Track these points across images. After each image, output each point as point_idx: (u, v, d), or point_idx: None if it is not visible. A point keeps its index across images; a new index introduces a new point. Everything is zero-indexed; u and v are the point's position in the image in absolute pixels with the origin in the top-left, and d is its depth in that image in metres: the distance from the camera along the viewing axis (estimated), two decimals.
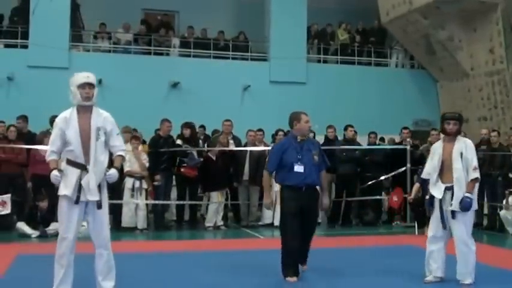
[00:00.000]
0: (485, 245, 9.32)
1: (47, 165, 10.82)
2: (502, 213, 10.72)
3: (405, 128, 12.50)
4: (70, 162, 5.22)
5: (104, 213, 5.34)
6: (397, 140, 12.95)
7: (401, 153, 11.56)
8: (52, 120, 11.58)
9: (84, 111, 5.29)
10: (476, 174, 6.16)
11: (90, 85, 5.26)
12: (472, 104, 16.36)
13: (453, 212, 6.08)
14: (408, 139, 11.95)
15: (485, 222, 11.28)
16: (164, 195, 10.87)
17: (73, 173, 5.19)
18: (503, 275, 6.91)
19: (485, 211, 11.30)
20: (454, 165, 6.09)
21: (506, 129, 15.14)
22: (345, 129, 11.97)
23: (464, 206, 5.97)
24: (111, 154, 5.46)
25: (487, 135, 11.63)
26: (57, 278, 5.25)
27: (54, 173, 5.17)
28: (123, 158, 5.60)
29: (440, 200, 6.12)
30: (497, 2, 15.19)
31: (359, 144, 12.12)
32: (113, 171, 5.31)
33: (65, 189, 5.18)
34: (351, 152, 11.66)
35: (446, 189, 6.10)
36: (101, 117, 5.35)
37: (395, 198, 11.53)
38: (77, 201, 5.18)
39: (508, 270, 7.15)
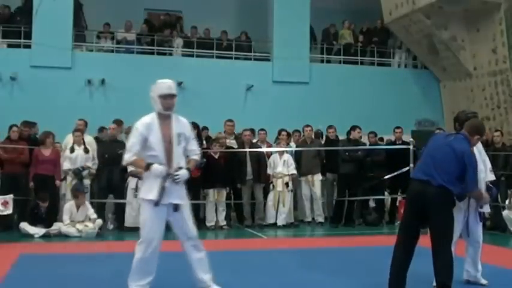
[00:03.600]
0: (488, 245, 9.29)
1: (49, 165, 10.87)
2: (505, 213, 10.71)
3: (398, 127, 12.55)
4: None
5: (186, 210, 5.42)
6: (392, 139, 12.98)
7: (404, 153, 11.54)
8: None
9: (165, 117, 5.37)
10: (493, 176, 6.17)
11: (172, 96, 5.31)
12: (475, 104, 16.34)
13: (480, 214, 6.09)
14: (411, 139, 11.95)
15: (488, 222, 11.28)
16: None
17: (156, 177, 5.25)
18: (506, 274, 6.91)
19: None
20: (478, 167, 5.88)
21: (509, 128, 15.13)
22: (352, 129, 11.92)
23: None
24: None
25: (486, 136, 11.66)
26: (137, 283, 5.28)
27: (155, 166, 5.20)
28: (196, 161, 5.62)
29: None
30: (500, 2, 15.16)
31: (363, 145, 12.12)
32: (183, 171, 5.31)
33: (149, 194, 5.24)
34: (353, 152, 11.65)
35: None
36: (181, 124, 5.43)
37: (402, 211, 11.57)
38: (159, 204, 5.22)
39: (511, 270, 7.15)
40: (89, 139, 11.23)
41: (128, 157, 5.31)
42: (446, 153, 5.41)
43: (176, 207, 5.30)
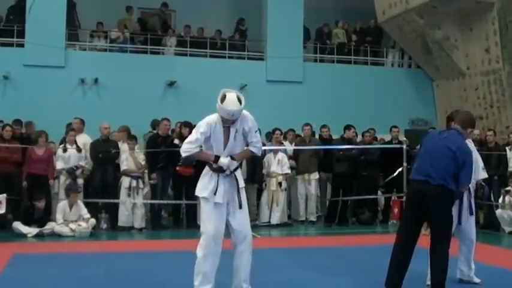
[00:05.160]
0: (481, 243, 9.32)
1: (42, 164, 10.81)
2: (498, 212, 10.73)
3: (395, 126, 12.57)
4: (211, 167, 5.35)
5: (243, 212, 5.44)
6: (387, 139, 12.98)
7: (398, 153, 11.56)
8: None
9: None
10: (485, 174, 6.20)
11: (234, 120, 5.35)
12: (468, 103, 16.39)
13: (471, 207, 6.07)
14: (404, 138, 11.98)
15: (481, 221, 11.32)
16: (161, 194, 10.85)
17: (212, 176, 5.33)
18: (499, 273, 6.93)
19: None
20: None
21: (502, 128, 15.17)
22: (347, 129, 11.94)
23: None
24: None
25: (480, 135, 11.69)
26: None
27: (222, 160, 5.26)
28: (250, 152, 5.66)
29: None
30: (493, 2, 15.21)
31: (357, 144, 12.13)
32: (222, 160, 5.30)
33: (205, 192, 5.31)
34: (347, 150, 11.65)
35: None
36: (241, 120, 5.48)
37: (396, 210, 11.62)
38: (216, 203, 5.28)
39: (504, 269, 7.17)
40: (85, 138, 11.18)
41: (191, 148, 5.28)
42: (442, 151, 5.43)
43: (240, 205, 5.36)
